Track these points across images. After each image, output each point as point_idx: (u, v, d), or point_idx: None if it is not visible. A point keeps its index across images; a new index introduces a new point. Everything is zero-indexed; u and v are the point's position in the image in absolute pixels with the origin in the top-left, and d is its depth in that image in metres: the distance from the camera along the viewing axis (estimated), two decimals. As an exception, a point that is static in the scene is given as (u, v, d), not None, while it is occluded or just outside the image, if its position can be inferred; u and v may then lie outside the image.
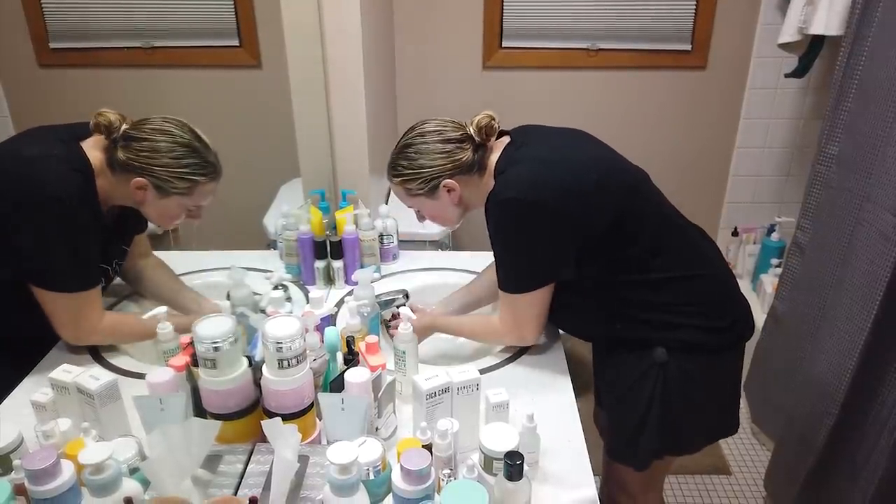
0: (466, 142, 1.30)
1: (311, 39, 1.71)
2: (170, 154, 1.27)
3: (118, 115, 1.27)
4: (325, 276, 1.72)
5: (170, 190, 1.29)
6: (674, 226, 1.33)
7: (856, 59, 1.78)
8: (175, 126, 1.29)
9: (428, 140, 1.30)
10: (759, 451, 2.40)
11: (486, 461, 1.01)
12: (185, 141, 1.28)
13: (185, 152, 1.28)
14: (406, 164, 1.31)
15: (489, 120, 1.30)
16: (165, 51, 1.80)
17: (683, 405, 1.32)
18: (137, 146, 1.26)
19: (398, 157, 1.33)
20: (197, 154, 1.29)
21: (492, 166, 1.31)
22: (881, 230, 1.58)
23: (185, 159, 1.28)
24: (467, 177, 1.31)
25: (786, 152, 2.83)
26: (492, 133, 1.31)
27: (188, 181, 1.29)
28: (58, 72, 1.72)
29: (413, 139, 1.32)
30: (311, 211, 1.71)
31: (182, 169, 1.28)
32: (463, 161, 1.29)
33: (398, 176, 1.34)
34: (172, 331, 1.29)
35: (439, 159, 1.29)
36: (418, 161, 1.30)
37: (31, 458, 0.82)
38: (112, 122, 1.26)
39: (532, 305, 1.32)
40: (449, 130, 1.31)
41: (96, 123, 1.26)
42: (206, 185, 1.32)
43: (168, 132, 1.27)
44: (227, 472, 0.97)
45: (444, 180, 1.30)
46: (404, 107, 2.75)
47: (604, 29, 2.62)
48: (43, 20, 1.67)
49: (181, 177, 1.28)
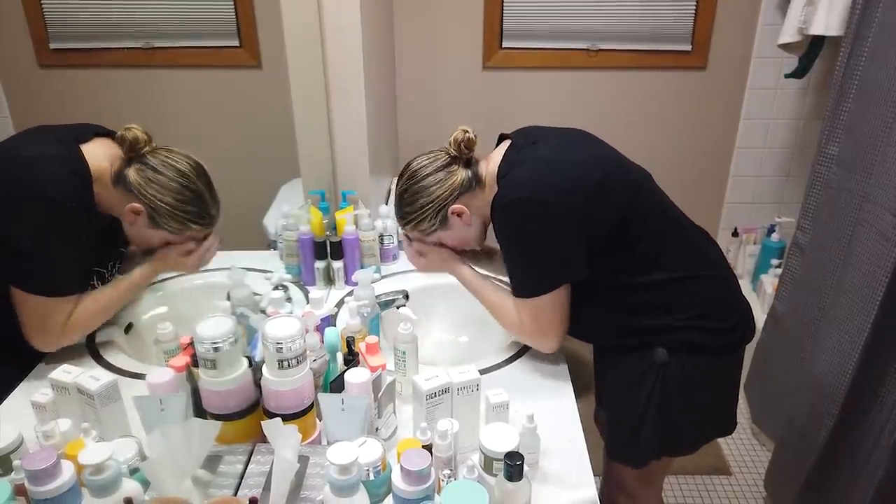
0: (452, 163, 1.31)
1: (311, 40, 1.71)
2: (177, 196, 1.28)
3: (145, 133, 1.28)
4: (326, 277, 1.72)
5: (161, 225, 1.31)
6: (677, 226, 1.33)
7: (856, 60, 1.78)
8: (194, 171, 1.30)
9: (418, 178, 1.32)
10: (759, 451, 2.40)
11: (487, 461, 1.01)
12: (196, 189, 1.30)
13: (192, 199, 1.30)
14: (409, 210, 1.34)
15: (463, 133, 1.30)
16: (165, 51, 1.79)
17: (683, 406, 1.32)
18: (151, 175, 1.27)
19: (400, 207, 1.36)
20: (202, 204, 1.31)
21: (493, 173, 1.31)
22: (881, 230, 1.59)
23: (188, 205, 1.30)
24: (470, 194, 1.32)
25: (786, 153, 2.83)
26: (471, 145, 1.31)
27: (182, 225, 1.31)
28: (58, 72, 1.72)
29: (405, 184, 1.34)
30: (312, 211, 1.71)
31: (181, 213, 1.30)
32: (458, 183, 1.30)
33: (408, 223, 1.36)
34: (172, 331, 1.29)
35: (436, 191, 1.30)
36: (418, 202, 1.32)
37: (32, 459, 0.82)
38: (138, 139, 1.27)
39: (550, 308, 1.29)
40: (433, 161, 1.32)
41: (122, 136, 1.27)
42: (195, 232, 1.34)
43: (185, 175, 1.29)
44: (228, 472, 0.97)
45: (449, 207, 1.31)
46: (404, 107, 2.75)
47: (604, 29, 2.62)
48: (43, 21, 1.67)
49: (177, 219, 1.30)
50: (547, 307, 1.29)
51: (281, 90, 1.72)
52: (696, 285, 1.30)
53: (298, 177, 1.85)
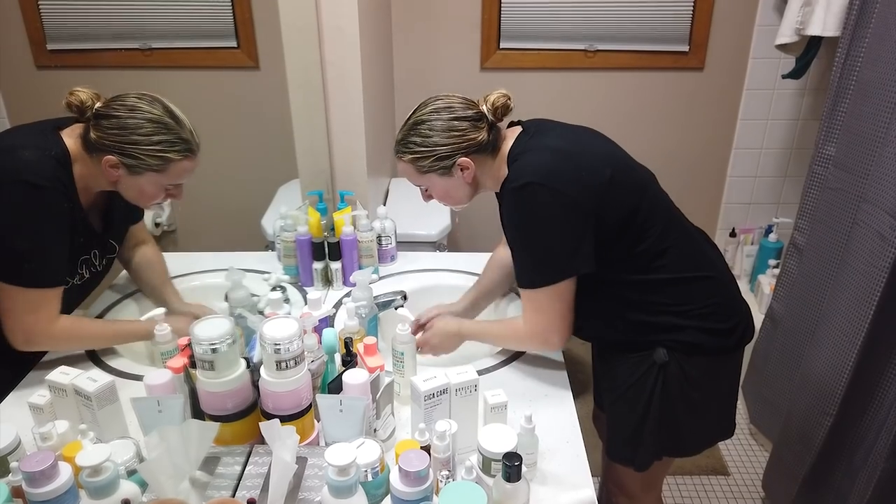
0: (481, 120, 1.27)
1: (308, 41, 1.71)
2: (139, 131, 1.23)
3: (91, 93, 1.24)
4: (324, 278, 1.72)
5: (142, 168, 1.25)
6: (679, 227, 1.33)
7: (853, 61, 1.78)
8: (146, 102, 1.25)
9: (442, 116, 1.26)
10: (757, 451, 2.40)
11: (485, 462, 1.01)
12: (156, 117, 1.24)
13: (156, 129, 1.24)
14: (419, 142, 1.27)
15: (505, 99, 1.27)
16: (163, 52, 1.80)
17: (683, 406, 1.32)
18: (107, 124, 1.23)
19: (409, 134, 1.29)
20: (169, 131, 1.25)
21: (505, 153, 1.29)
22: (878, 230, 1.59)
23: (155, 136, 1.23)
24: (482, 156, 1.29)
25: (783, 153, 2.84)
26: (507, 112, 1.28)
27: (160, 158, 1.25)
28: (55, 73, 1.72)
29: (426, 115, 1.28)
30: (310, 212, 1.71)
31: (153, 146, 1.23)
32: (478, 140, 1.27)
33: (410, 153, 1.29)
34: (170, 332, 1.29)
35: (454, 137, 1.26)
36: (432, 138, 1.26)
37: (29, 461, 0.82)
38: (84, 101, 1.23)
39: (556, 301, 1.26)
40: (462, 108, 1.27)
41: (68, 103, 1.23)
42: (180, 163, 1.27)
43: (138, 108, 1.23)
44: (225, 473, 0.97)
45: (459, 158, 1.27)
46: (402, 108, 2.75)
47: (602, 30, 2.62)
48: (40, 22, 1.67)
49: (152, 154, 1.24)
50: (551, 300, 1.27)
51: (279, 91, 1.72)
52: (697, 286, 1.30)
53: (296, 178, 1.85)
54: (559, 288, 1.25)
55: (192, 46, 1.84)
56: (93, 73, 1.77)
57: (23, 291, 1.24)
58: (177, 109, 1.28)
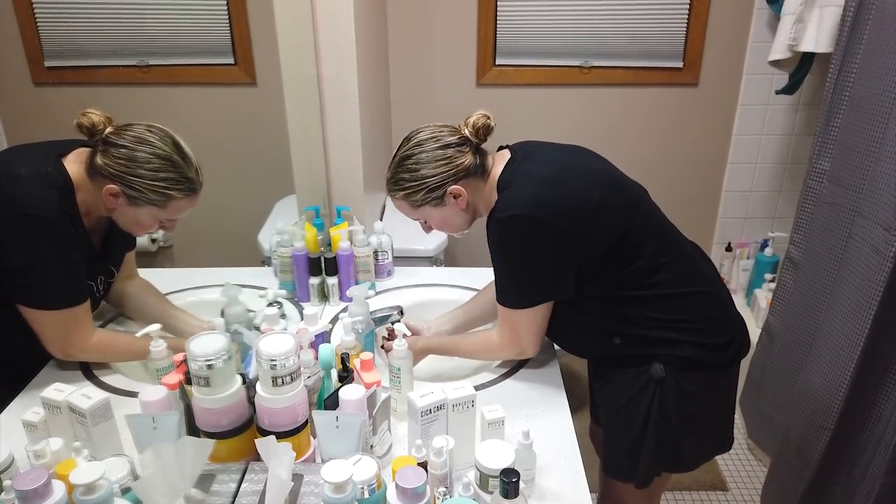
0: (465, 144, 1.28)
1: (305, 57, 1.72)
2: (146, 165, 1.23)
3: (104, 116, 1.23)
4: (320, 293, 1.71)
5: (143, 201, 1.25)
6: (673, 242, 1.33)
7: (845, 76, 1.80)
8: (157, 136, 1.25)
9: (426, 148, 1.28)
10: (755, 466, 2.39)
11: (482, 479, 1.00)
12: (164, 153, 1.24)
13: (163, 165, 1.24)
14: (408, 177, 1.29)
15: (485, 119, 1.27)
16: (161, 69, 1.80)
17: (680, 422, 1.32)
18: (115, 153, 1.23)
19: (398, 171, 1.30)
20: (175, 168, 1.25)
21: (495, 178, 1.30)
22: (873, 244, 1.60)
23: (161, 172, 1.24)
24: (472, 180, 1.30)
25: (778, 168, 2.85)
26: (489, 132, 1.28)
27: (162, 195, 1.25)
28: (53, 90, 1.72)
29: (411, 150, 1.29)
30: (306, 227, 1.71)
31: (157, 182, 1.24)
32: (465, 165, 1.28)
33: (401, 190, 1.31)
34: (166, 348, 1.28)
35: (441, 166, 1.27)
36: (420, 171, 1.28)
37: (22, 479, 0.81)
38: (95, 124, 1.22)
39: (531, 321, 1.31)
40: (446, 135, 1.29)
41: (79, 124, 1.22)
42: (181, 201, 1.28)
43: (148, 142, 1.23)
44: (221, 491, 0.97)
45: (450, 186, 1.28)
46: (399, 124, 2.77)
47: (597, 46, 2.64)
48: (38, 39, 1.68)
49: (155, 189, 1.24)
50: (527, 320, 1.30)
51: (276, 107, 1.73)
52: (692, 301, 1.30)
53: (293, 193, 1.85)
54: (538, 309, 1.29)
55: (189, 63, 1.85)
56: (90, 89, 1.77)
57: (56, 314, 1.26)
58: (185, 146, 1.28)
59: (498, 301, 1.32)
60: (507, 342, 1.34)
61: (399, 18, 2.62)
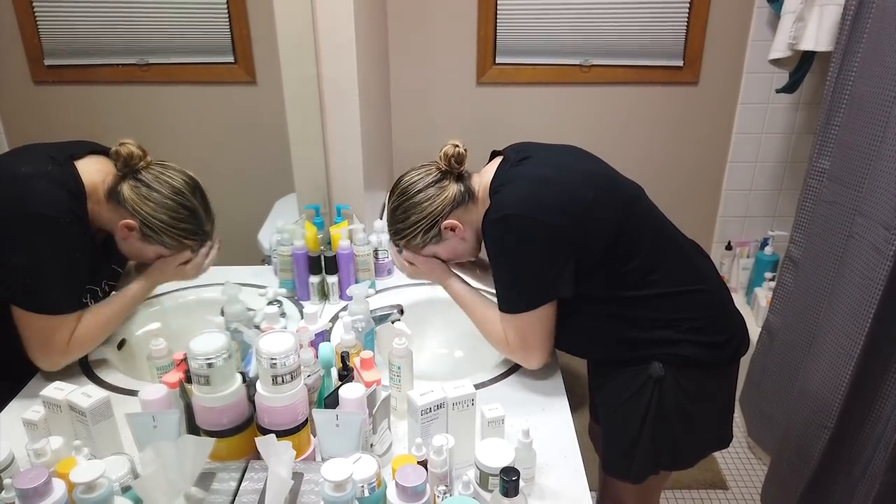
0: (444, 178, 1.32)
1: (305, 56, 1.72)
2: (172, 213, 1.28)
3: (140, 149, 1.27)
4: (320, 292, 1.71)
5: (155, 241, 1.30)
6: (670, 241, 1.34)
7: (846, 75, 1.80)
8: (188, 187, 1.29)
9: (409, 195, 1.32)
10: (755, 465, 2.40)
11: (482, 477, 1.00)
12: (191, 206, 1.29)
13: (186, 217, 1.29)
14: (402, 227, 1.34)
15: (453, 148, 1.30)
16: (161, 67, 1.80)
17: (679, 420, 1.32)
18: (145, 192, 1.26)
19: (392, 223, 1.36)
20: (196, 220, 1.31)
21: (486, 187, 1.31)
22: (873, 243, 1.60)
23: (182, 223, 1.29)
24: (463, 209, 1.32)
25: (778, 167, 2.85)
26: (461, 159, 1.31)
27: (177, 241, 1.31)
28: (53, 89, 1.72)
29: (397, 201, 1.34)
30: (306, 226, 1.71)
31: (175, 230, 1.29)
32: (449, 198, 1.30)
33: (402, 239, 1.37)
34: (165, 347, 1.28)
35: (427, 207, 1.31)
36: (410, 219, 1.32)
37: (22, 478, 0.81)
38: (133, 155, 1.26)
39: (536, 325, 1.30)
40: (423, 176, 1.32)
41: (116, 152, 1.26)
42: (189, 248, 1.35)
43: (180, 192, 1.28)
44: (221, 489, 0.97)
45: (442, 223, 1.31)
46: (399, 122, 2.77)
47: (597, 45, 2.64)
48: (38, 37, 1.68)
49: (171, 235, 1.30)
50: (532, 323, 1.29)
51: (276, 106, 1.73)
52: (690, 299, 1.30)
53: (293, 192, 1.85)
54: (539, 312, 1.28)
55: (189, 62, 1.84)
56: (90, 88, 1.77)
57: (40, 318, 1.26)
58: (208, 199, 1.33)
59: (501, 310, 1.31)
60: (514, 348, 1.33)
61: (399, 17, 2.62)
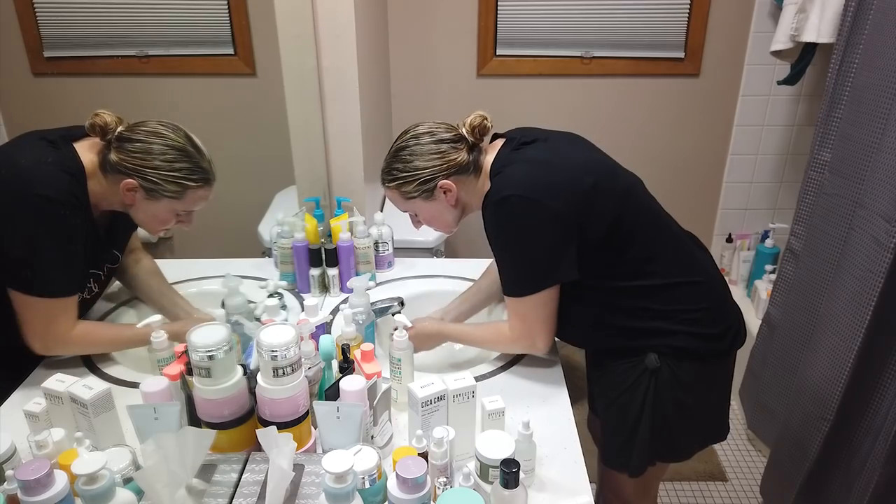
0: (460, 142, 1.31)
1: (305, 48, 1.72)
2: (162, 157, 1.26)
3: (115, 116, 1.27)
4: (320, 284, 1.72)
5: (160, 193, 1.28)
6: (667, 232, 1.34)
7: (847, 67, 1.79)
8: (170, 129, 1.28)
9: (422, 141, 1.30)
10: (754, 457, 2.40)
11: (483, 469, 1.01)
12: (179, 145, 1.27)
13: (178, 156, 1.27)
14: (401, 168, 1.31)
15: (482, 119, 1.30)
16: (160, 59, 1.80)
17: (675, 411, 1.32)
18: (130, 147, 1.25)
19: (392, 161, 1.33)
20: (189, 159, 1.28)
21: (487, 168, 1.31)
22: (874, 235, 1.59)
23: (177, 163, 1.27)
24: (463, 177, 1.31)
25: (779, 159, 2.85)
26: (485, 132, 1.31)
27: (179, 185, 1.28)
28: (52, 80, 1.72)
29: (407, 142, 1.32)
30: (306, 219, 1.71)
31: (173, 172, 1.26)
32: (458, 161, 1.30)
33: (394, 180, 1.33)
34: (167, 339, 1.29)
35: (434, 160, 1.29)
36: (413, 163, 1.30)
37: (24, 469, 0.82)
38: (108, 124, 1.25)
39: (540, 308, 1.30)
40: (442, 131, 1.31)
41: (92, 124, 1.25)
42: (197, 191, 1.31)
43: (162, 135, 1.26)
44: (222, 481, 0.97)
45: (441, 181, 1.30)
46: (399, 114, 2.76)
47: (598, 37, 2.63)
48: (37, 29, 1.67)
49: (172, 180, 1.27)
50: (535, 307, 1.29)
51: (276, 98, 1.72)
52: (686, 290, 1.30)
53: (293, 184, 1.85)
54: (543, 296, 1.28)
55: (188, 54, 1.84)
56: (90, 80, 1.77)
57: (41, 301, 1.25)
58: (197, 139, 1.31)
59: (504, 293, 1.32)
60: (518, 335, 1.33)
61: (399, 9, 2.61)
